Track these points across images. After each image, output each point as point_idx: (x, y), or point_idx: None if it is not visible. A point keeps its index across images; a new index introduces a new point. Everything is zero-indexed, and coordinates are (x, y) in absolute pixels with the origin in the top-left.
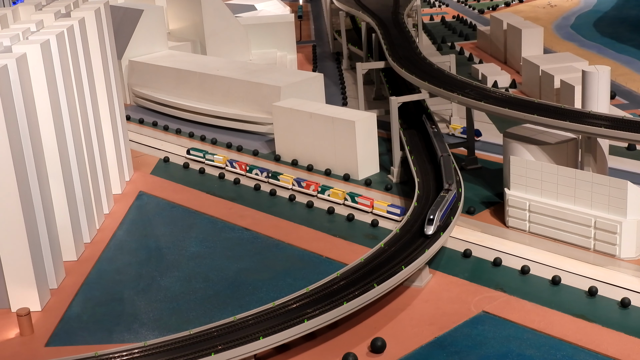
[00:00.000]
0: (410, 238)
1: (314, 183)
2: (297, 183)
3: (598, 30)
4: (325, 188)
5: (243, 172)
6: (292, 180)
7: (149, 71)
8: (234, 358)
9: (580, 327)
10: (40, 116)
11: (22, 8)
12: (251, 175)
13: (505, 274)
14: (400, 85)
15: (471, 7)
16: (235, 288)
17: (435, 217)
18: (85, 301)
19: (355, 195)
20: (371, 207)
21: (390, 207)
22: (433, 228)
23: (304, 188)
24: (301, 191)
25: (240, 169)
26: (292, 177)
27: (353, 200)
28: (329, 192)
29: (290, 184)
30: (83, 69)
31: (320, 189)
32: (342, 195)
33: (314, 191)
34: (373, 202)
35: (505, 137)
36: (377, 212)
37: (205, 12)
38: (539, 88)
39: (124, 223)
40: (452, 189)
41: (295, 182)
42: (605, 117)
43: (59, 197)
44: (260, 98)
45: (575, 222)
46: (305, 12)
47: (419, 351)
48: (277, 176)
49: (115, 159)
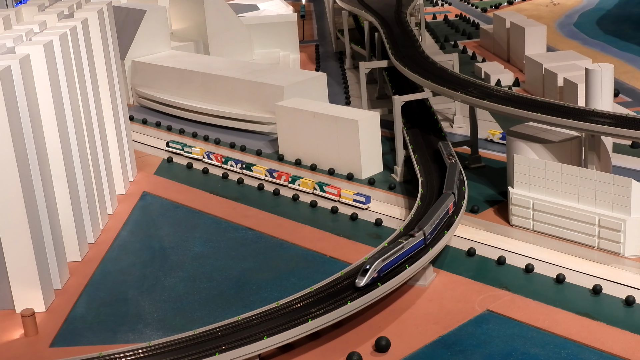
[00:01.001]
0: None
1: (285, 173)
2: (270, 174)
3: (601, 28)
4: (296, 178)
5: (219, 164)
6: (265, 171)
7: (152, 71)
8: (238, 358)
9: (585, 325)
10: (43, 117)
11: (25, 9)
12: (226, 166)
13: (510, 272)
14: (404, 84)
15: (474, 6)
16: (240, 288)
17: (371, 268)
18: (89, 302)
19: (323, 185)
20: (338, 195)
21: (355, 195)
22: (365, 280)
23: (276, 178)
24: (273, 181)
25: (217, 160)
26: (265, 168)
27: (321, 190)
28: (299, 182)
29: (263, 174)
30: (86, 70)
31: (290, 179)
32: (311, 185)
33: (285, 181)
34: (340, 190)
35: (509, 136)
36: (344, 200)
37: (208, 12)
38: (542, 86)
39: (127, 223)
40: (416, 236)
41: (268, 173)
42: (609, 115)
43: (62, 198)
44: (263, 98)
45: (579, 220)
46: (307, 11)
47: (424, 350)
48: (251, 167)
49: (118, 159)
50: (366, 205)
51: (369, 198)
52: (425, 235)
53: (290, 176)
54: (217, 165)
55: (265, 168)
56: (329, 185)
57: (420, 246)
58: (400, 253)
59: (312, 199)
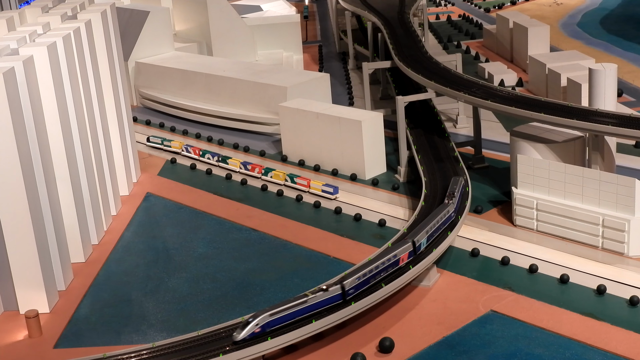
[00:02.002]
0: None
1: (259, 166)
2: (244, 166)
3: (604, 28)
4: (269, 170)
5: (197, 157)
6: (240, 164)
7: (155, 72)
8: (242, 359)
9: (589, 325)
10: (47, 118)
11: (28, 10)
12: (204, 159)
13: (513, 272)
14: (407, 84)
15: (477, 6)
16: (243, 289)
17: (254, 322)
18: (93, 303)
19: (294, 177)
20: (308, 186)
21: (324, 186)
22: (243, 334)
23: (250, 170)
24: (247, 173)
25: (195, 153)
26: (240, 161)
27: (292, 181)
28: (271, 174)
29: (238, 167)
30: (90, 71)
31: (264, 172)
32: (282, 177)
33: (258, 173)
34: (310, 182)
35: (512, 136)
36: (314, 191)
37: (211, 13)
38: (545, 86)
39: (131, 224)
40: (329, 291)
41: (242, 166)
42: (613, 115)
43: (66, 199)
44: (267, 98)
45: (583, 220)
46: (311, 12)
47: (428, 351)
48: (227, 160)
49: (122, 160)
50: (334, 195)
51: (337, 189)
52: (346, 289)
53: (263, 168)
54: (195, 158)
55: (240, 161)
56: (299, 176)
57: (335, 301)
58: (299, 308)
59: (316, 200)
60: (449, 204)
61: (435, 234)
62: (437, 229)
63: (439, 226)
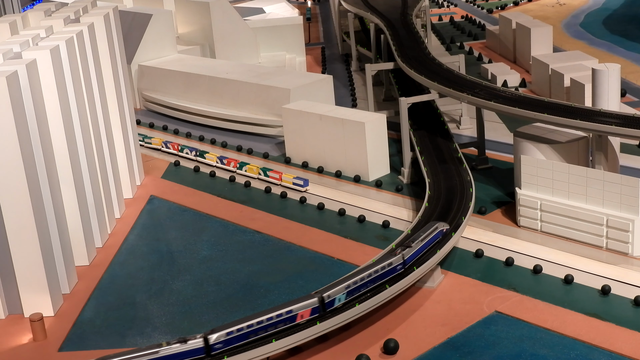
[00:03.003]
0: None
1: (234, 160)
2: (220, 160)
3: (607, 28)
4: (243, 164)
5: (176, 152)
6: (216, 158)
7: (158, 75)
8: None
9: (594, 326)
10: (50, 122)
11: (31, 14)
12: (182, 154)
13: (518, 273)
14: (410, 85)
15: (480, 7)
16: (247, 291)
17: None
18: (97, 306)
19: (267, 170)
20: (280, 179)
21: (295, 179)
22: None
23: (226, 164)
24: (224, 168)
25: (174, 149)
26: (216, 155)
27: (265, 174)
28: (246, 167)
29: (214, 161)
30: (93, 74)
31: (239, 166)
32: (256, 170)
33: (233, 167)
34: (282, 175)
35: (516, 137)
36: (285, 184)
37: (214, 16)
38: (548, 87)
39: (135, 227)
40: (188, 344)
41: (219, 160)
42: (616, 115)
43: (70, 202)
44: (270, 101)
45: (587, 220)
46: (313, 14)
47: (432, 352)
48: (204, 154)
49: (126, 163)
50: (304, 188)
51: (307, 181)
52: (210, 344)
53: (239, 163)
54: (174, 153)
55: (217, 155)
56: (272, 170)
57: (196, 356)
58: None
59: (320, 202)
60: (397, 255)
61: (363, 289)
62: (366, 284)
63: (368, 281)
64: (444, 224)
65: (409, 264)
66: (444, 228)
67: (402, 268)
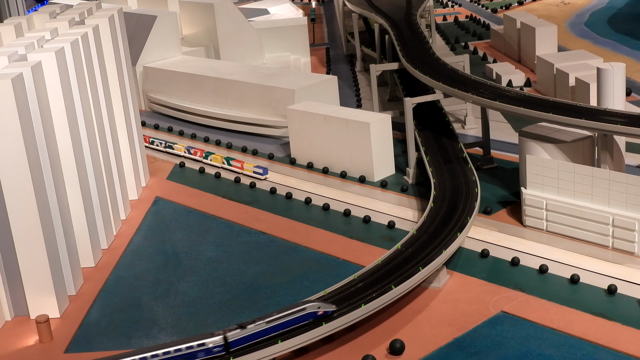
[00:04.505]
0: (427, 239)
1: (200, 150)
2: (188, 151)
3: (612, 27)
4: (209, 154)
5: (147, 144)
6: (184, 149)
7: (163, 77)
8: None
9: (600, 325)
10: (56, 124)
11: (36, 16)
12: (152, 146)
13: (524, 273)
14: (415, 86)
15: (484, 7)
16: (253, 292)
17: None
18: (103, 307)
19: (230, 159)
20: (242, 168)
21: (255, 167)
22: None
23: (193, 154)
24: (191, 157)
25: (145, 141)
26: (184, 146)
27: (228, 164)
28: (211, 157)
29: (182, 151)
30: (98, 76)
31: (204, 155)
32: (220, 160)
33: (200, 157)
34: (243, 164)
35: (521, 136)
36: (246, 172)
37: (219, 17)
38: (553, 86)
39: (141, 229)
40: None
41: (186, 150)
42: (622, 114)
43: (75, 203)
44: (275, 101)
45: (593, 220)
46: (318, 15)
47: (438, 352)
48: (172, 145)
49: (131, 164)
50: (264, 176)
51: (267, 170)
52: None
53: (204, 152)
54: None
55: (185, 146)
56: (235, 159)
57: None
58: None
59: (325, 202)
60: (215, 336)
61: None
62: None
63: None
64: (328, 305)
65: (233, 348)
66: (320, 310)
67: (223, 351)
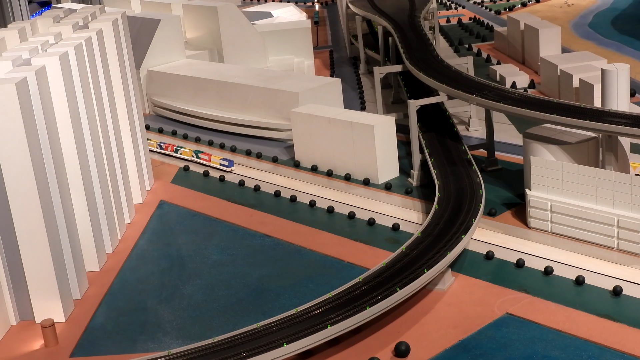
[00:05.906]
0: (431, 241)
1: (170, 145)
2: (160, 146)
3: (616, 28)
4: (179, 148)
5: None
6: (156, 144)
7: (167, 80)
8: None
9: (606, 327)
10: (60, 128)
11: (40, 21)
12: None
13: (529, 275)
14: (418, 88)
15: (488, 8)
16: (258, 295)
17: None
18: (108, 311)
19: (199, 152)
20: (209, 161)
21: (221, 160)
22: None
23: (164, 149)
24: (163, 152)
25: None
26: (157, 141)
27: (197, 157)
28: (181, 151)
29: (155, 147)
30: (102, 80)
31: (175, 149)
32: (189, 153)
33: (171, 151)
34: (210, 157)
35: (525, 138)
36: (213, 164)
37: (222, 21)
38: (557, 88)
39: (145, 232)
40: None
41: (158, 146)
42: (626, 115)
43: (80, 207)
44: (279, 104)
45: (597, 221)
46: (321, 17)
47: (443, 354)
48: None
49: (135, 168)
50: (229, 168)
51: (232, 162)
52: None
53: (175, 147)
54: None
55: (157, 141)
56: (203, 152)
57: None
58: None
59: (330, 205)
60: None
61: None
62: None
63: None
64: None
65: None
66: None
67: None
